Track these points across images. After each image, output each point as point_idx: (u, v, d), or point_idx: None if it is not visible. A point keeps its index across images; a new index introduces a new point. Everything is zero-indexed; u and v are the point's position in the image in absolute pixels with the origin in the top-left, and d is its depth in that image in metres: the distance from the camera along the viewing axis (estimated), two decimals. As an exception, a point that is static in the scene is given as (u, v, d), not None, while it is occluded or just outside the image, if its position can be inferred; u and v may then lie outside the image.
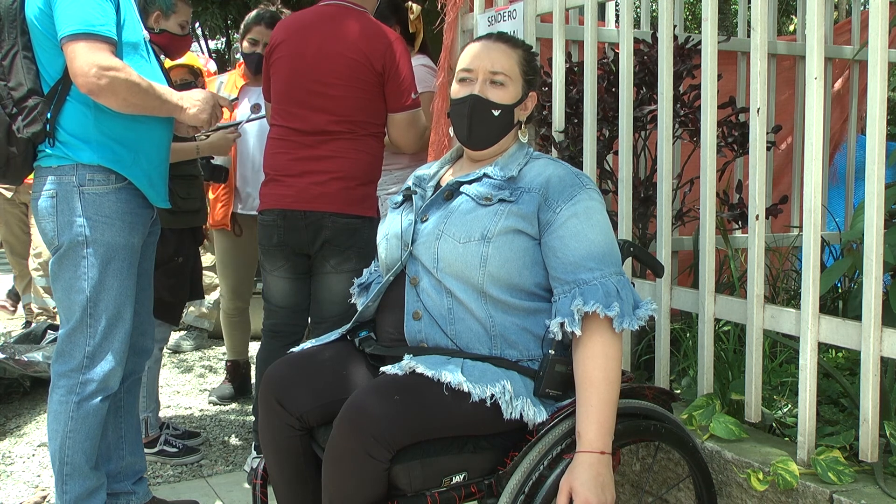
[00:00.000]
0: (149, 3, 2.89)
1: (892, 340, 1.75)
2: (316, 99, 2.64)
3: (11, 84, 2.11)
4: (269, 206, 2.70)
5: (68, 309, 2.20)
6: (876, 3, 1.75)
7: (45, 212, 2.17)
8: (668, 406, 1.87)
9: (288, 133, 2.67)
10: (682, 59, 2.55)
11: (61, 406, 2.20)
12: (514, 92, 1.83)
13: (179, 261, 3.02)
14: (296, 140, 2.66)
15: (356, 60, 2.63)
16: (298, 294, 2.79)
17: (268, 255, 2.75)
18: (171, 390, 4.05)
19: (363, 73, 2.64)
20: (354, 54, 2.63)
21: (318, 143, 2.65)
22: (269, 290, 2.80)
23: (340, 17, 2.69)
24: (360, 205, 2.66)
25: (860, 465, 1.84)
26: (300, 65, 2.65)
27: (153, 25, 2.91)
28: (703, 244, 2.19)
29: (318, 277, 2.74)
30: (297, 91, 2.65)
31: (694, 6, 12.62)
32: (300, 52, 2.66)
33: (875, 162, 1.76)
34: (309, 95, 2.64)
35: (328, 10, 2.72)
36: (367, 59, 2.64)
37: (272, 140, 2.74)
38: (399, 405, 1.55)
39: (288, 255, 2.71)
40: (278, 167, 2.69)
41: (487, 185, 1.78)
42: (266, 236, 2.72)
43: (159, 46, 2.92)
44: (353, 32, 2.67)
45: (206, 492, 2.82)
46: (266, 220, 2.71)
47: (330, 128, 2.64)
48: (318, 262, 2.71)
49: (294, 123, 2.66)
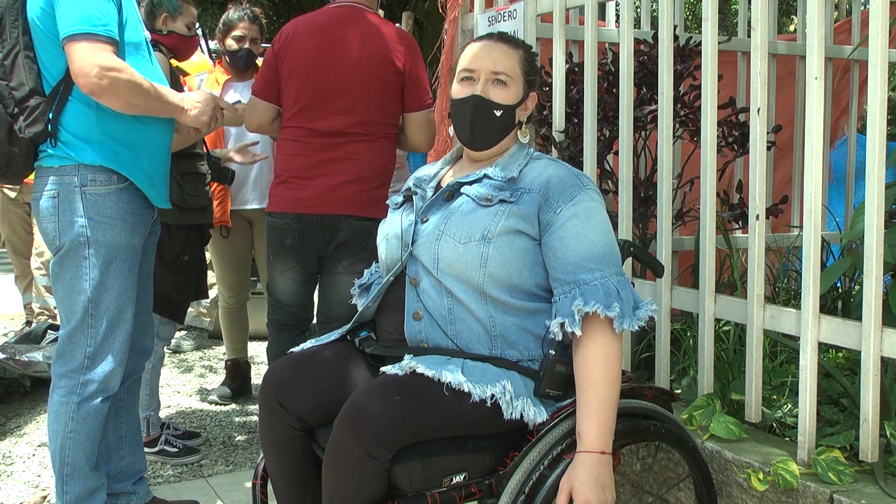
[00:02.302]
0: (156, 5, 2.92)
1: (892, 340, 1.75)
2: (336, 100, 2.64)
3: (13, 84, 2.11)
4: (282, 209, 2.69)
5: (69, 309, 2.20)
6: (876, 3, 1.75)
7: (47, 212, 2.17)
8: (668, 406, 1.87)
9: (305, 134, 2.66)
10: (683, 59, 2.55)
11: (62, 406, 2.20)
12: (516, 92, 1.83)
13: (186, 259, 3.02)
14: (313, 141, 2.66)
15: (378, 60, 2.64)
16: (307, 293, 2.81)
17: (279, 256, 2.74)
18: (171, 390, 4.05)
19: (385, 72, 2.65)
20: (377, 54, 2.65)
21: (335, 144, 2.65)
22: (278, 288, 2.80)
23: (357, 17, 2.70)
24: (374, 207, 2.65)
25: (860, 465, 1.84)
26: (317, 66, 2.64)
27: (161, 27, 2.94)
28: (703, 244, 2.19)
29: (328, 277, 2.75)
30: (317, 92, 2.65)
31: (694, 6, 12.62)
32: (318, 53, 2.65)
33: (875, 162, 1.76)
34: (329, 97, 2.64)
35: (341, 12, 2.72)
36: (390, 58, 2.65)
37: (287, 141, 2.71)
38: (399, 405, 1.55)
39: (300, 257, 2.72)
40: (293, 169, 2.68)
41: (488, 185, 1.78)
42: (278, 239, 2.71)
43: (167, 48, 2.95)
44: (373, 32, 2.68)
45: (206, 492, 2.82)
46: (279, 223, 2.70)
47: (349, 129, 2.64)
48: (329, 262, 2.72)
49: (313, 124, 2.65)
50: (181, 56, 3.08)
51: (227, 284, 3.76)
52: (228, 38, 3.55)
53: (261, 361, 4.42)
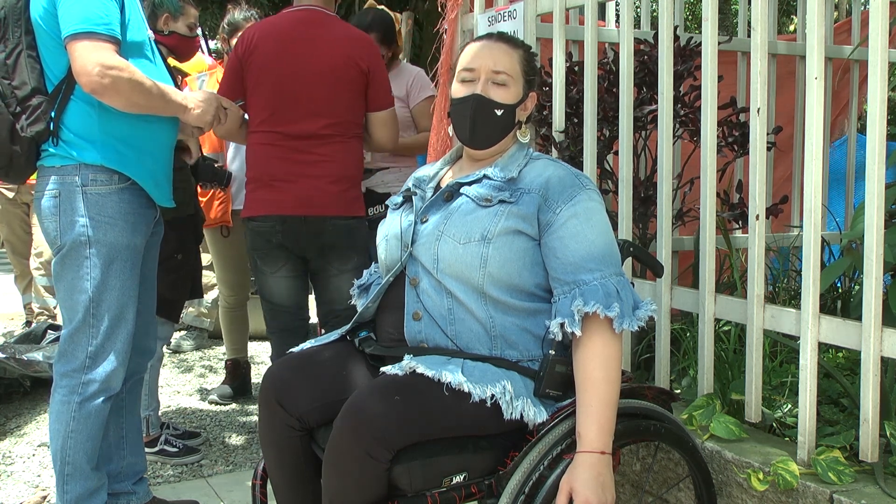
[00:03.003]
0: (157, 6, 2.94)
1: (892, 340, 1.75)
2: (307, 103, 2.65)
3: (15, 83, 2.11)
4: (265, 212, 2.68)
5: (71, 309, 2.20)
6: (876, 3, 1.75)
7: (48, 211, 2.17)
8: (668, 406, 1.87)
9: (278, 138, 2.67)
10: (683, 59, 2.55)
11: (63, 406, 2.21)
12: (516, 92, 1.83)
13: (179, 258, 3.03)
14: (288, 145, 2.66)
15: (343, 62, 2.67)
16: (302, 291, 2.82)
17: (266, 258, 2.74)
18: (171, 390, 4.05)
19: (350, 73, 2.67)
20: (341, 56, 2.67)
21: (310, 146, 2.66)
22: (272, 292, 2.79)
23: (318, 21, 2.73)
24: (354, 205, 2.72)
25: (860, 465, 1.84)
26: (286, 70, 2.66)
27: (163, 28, 2.96)
28: (703, 244, 2.19)
29: (322, 282, 2.76)
30: (287, 96, 2.65)
31: (694, 6, 12.62)
32: (284, 57, 2.66)
33: (875, 162, 1.76)
34: (299, 100, 2.65)
35: (303, 15, 2.73)
36: (354, 59, 2.68)
37: (260, 145, 2.71)
38: (399, 406, 1.55)
39: (287, 255, 2.72)
40: (272, 172, 2.67)
41: (487, 186, 1.78)
42: (262, 241, 2.71)
43: (168, 48, 2.97)
44: (336, 35, 2.71)
45: (206, 492, 2.82)
46: (262, 227, 2.69)
47: (322, 131, 2.66)
48: (319, 266, 2.73)
49: (286, 128, 2.66)
50: (182, 57, 3.10)
51: (228, 283, 3.77)
52: (234, 39, 3.56)
53: (261, 361, 4.43)
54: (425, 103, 3.33)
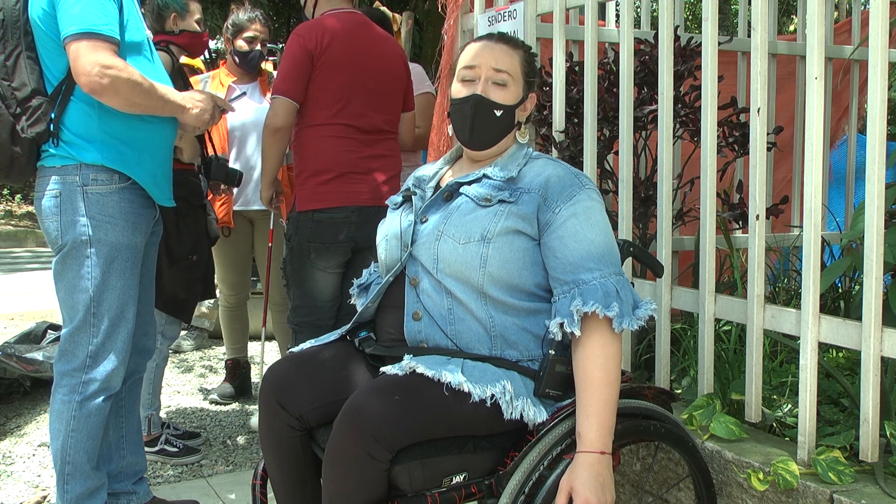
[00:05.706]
0: (163, 7, 2.98)
1: (892, 340, 1.75)
2: (374, 99, 2.79)
3: (15, 84, 2.12)
4: (341, 203, 2.74)
5: (71, 308, 2.21)
6: (876, 3, 1.75)
7: (49, 211, 2.18)
8: (668, 406, 1.87)
9: (350, 131, 2.76)
10: (683, 59, 2.55)
11: (63, 405, 2.21)
12: (516, 92, 1.83)
13: (194, 259, 3.03)
14: (358, 138, 2.77)
15: (401, 63, 2.88)
16: (340, 287, 2.86)
17: (326, 252, 2.76)
18: (171, 390, 4.05)
19: (403, 73, 2.89)
20: (396, 55, 2.88)
21: (375, 141, 2.80)
22: (317, 287, 2.80)
23: (369, 23, 2.88)
24: None
25: (860, 465, 1.84)
26: (358, 67, 2.76)
27: (172, 27, 3.01)
28: (703, 244, 2.19)
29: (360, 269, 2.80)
30: (359, 92, 2.76)
31: (694, 6, 12.63)
32: (358, 53, 2.77)
33: (875, 162, 1.76)
34: (369, 96, 2.78)
35: (358, 17, 2.86)
36: (403, 60, 2.92)
37: (332, 138, 2.76)
38: (399, 405, 1.55)
39: (345, 250, 2.79)
40: (348, 164, 2.75)
41: (487, 185, 1.78)
42: (331, 233, 2.74)
43: (180, 46, 3.01)
44: (385, 36, 2.91)
45: (206, 492, 2.82)
46: (336, 217, 2.74)
47: (384, 126, 2.83)
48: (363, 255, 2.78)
49: (356, 122, 2.76)
50: (194, 53, 3.22)
51: (229, 283, 3.78)
52: (239, 40, 3.57)
53: (260, 362, 4.43)
54: (421, 98, 3.35)
